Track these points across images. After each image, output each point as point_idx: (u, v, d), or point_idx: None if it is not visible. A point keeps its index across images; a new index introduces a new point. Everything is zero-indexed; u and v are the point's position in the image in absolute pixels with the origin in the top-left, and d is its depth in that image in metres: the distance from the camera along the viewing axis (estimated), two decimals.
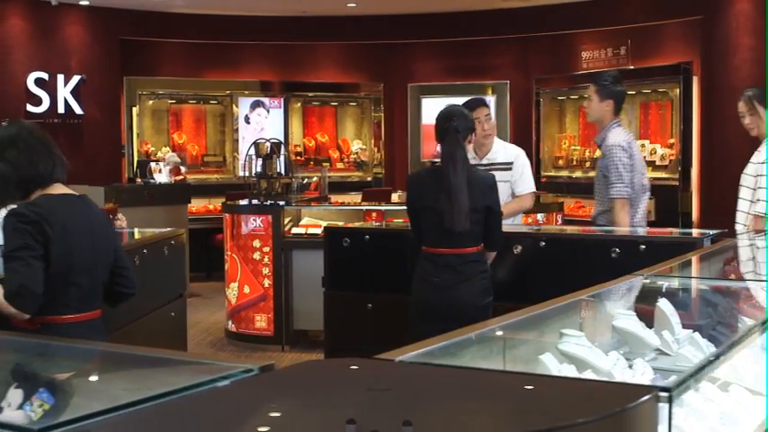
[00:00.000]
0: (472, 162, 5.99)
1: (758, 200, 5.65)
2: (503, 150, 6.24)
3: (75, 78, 12.00)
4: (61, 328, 3.19)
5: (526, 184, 6.21)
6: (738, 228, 5.80)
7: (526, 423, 1.72)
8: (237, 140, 13.42)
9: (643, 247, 5.26)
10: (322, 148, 14.25)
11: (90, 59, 12.24)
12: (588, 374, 2.67)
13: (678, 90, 11.31)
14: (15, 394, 2.46)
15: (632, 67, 12.05)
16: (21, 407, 2.46)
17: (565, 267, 5.45)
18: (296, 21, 13.31)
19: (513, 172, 6.13)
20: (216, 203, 12.62)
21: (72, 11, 12.05)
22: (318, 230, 8.48)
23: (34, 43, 11.83)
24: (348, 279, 6.17)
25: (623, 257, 5.28)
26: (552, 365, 2.69)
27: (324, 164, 13.44)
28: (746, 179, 5.85)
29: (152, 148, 12.81)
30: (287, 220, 8.45)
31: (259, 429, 1.56)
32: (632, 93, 12.28)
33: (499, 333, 2.86)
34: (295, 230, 8.48)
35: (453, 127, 4.98)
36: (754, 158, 5.89)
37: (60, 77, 11.89)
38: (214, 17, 13.04)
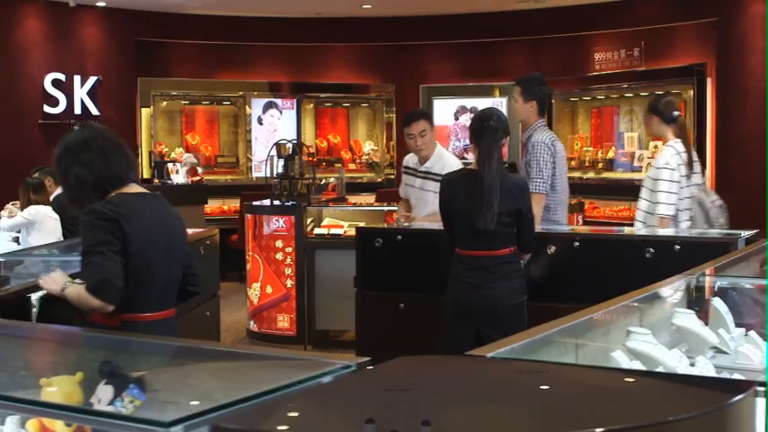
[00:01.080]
0: (413, 167, 6.27)
1: (658, 203, 5.88)
2: (439, 162, 6.32)
3: (92, 79, 12.04)
4: (140, 326, 3.23)
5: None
6: (637, 225, 6.09)
7: (638, 417, 1.76)
8: (250, 141, 13.46)
9: (678, 247, 5.31)
10: (334, 149, 14.29)
11: (106, 60, 12.28)
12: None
13: (692, 92, 11.36)
14: (105, 391, 2.49)
15: (645, 69, 12.12)
16: (111, 403, 2.50)
17: (599, 267, 5.51)
18: (309, 22, 13.36)
19: None
20: (230, 204, 12.67)
21: (88, 12, 12.09)
22: (341, 231, 8.54)
23: (51, 44, 11.87)
24: (380, 279, 6.22)
25: (658, 257, 5.33)
26: (623, 362, 2.75)
27: (336, 164, 13.48)
28: (647, 181, 6.09)
29: (165, 149, 12.86)
30: (308, 221, 8.49)
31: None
32: (645, 94, 12.36)
33: (566, 332, 2.90)
34: (317, 231, 8.53)
35: (491, 128, 5.02)
36: (654, 162, 6.20)
37: (77, 78, 11.93)
38: (228, 18, 13.09)
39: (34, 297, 3.52)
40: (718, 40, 10.91)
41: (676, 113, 6.03)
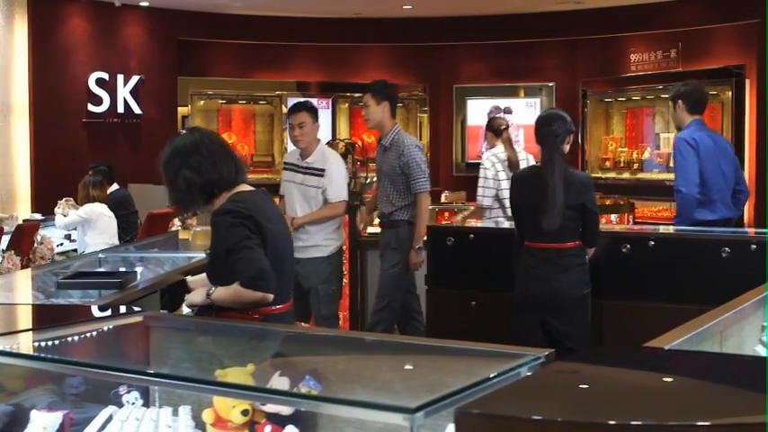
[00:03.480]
0: (294, 162, 6.23)
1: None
2: (321, 157, 6.24)
3: (134, 78, 12.16)
4: (277, 318, 3.29)
5: (338, 193, 6.23)
6: None
7: None
8: (287, 141, 13.56)
9: (754, 246, 5.38)
10: (368, 149, 14.34)
11: (148, 60, 12.40)
12: None
13: (730, 93, 11.43)
14: (280, 382, 2.57)
15: (682, 70, 12.19)
16: None
17: (675, 266, 5.59)
18: (345, 23, 13.45)
19: (324, 179, 6.15)
20: None
21: (132, 12, 12.21)
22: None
23: (95, 44, 11.99)
24: (452, 277, 6.29)
25: (734, 257, 5.41)
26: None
27: (371, 164, 13.55)
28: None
29: None
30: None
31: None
32: None
33: (704, 329, 2.99)
34: (370, 230, 8.61)
35: (553, 131, 5.18)
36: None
37: (120, 77, 12.04)
38: (267, 18, 13.18)
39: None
40: (759, 42, 10.97)
41: (503, 127, 7.15)
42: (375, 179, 11.51)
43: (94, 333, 2.73)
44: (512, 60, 13.90)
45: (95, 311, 3.06)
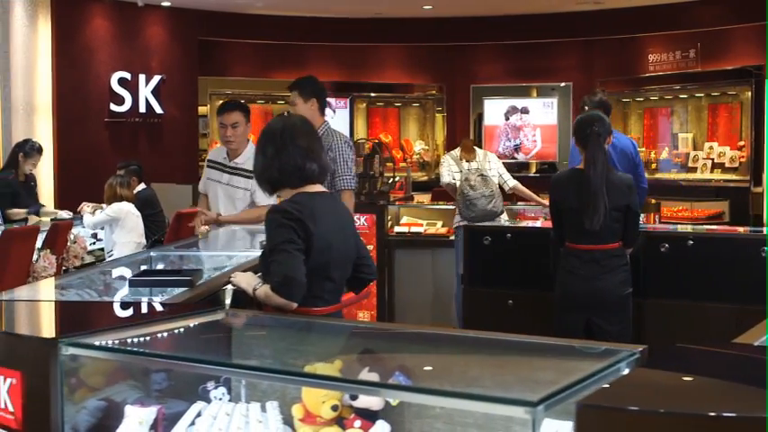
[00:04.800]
0: (221, 162, 5.95)
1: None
2: (251, 159, 5.84)
3: (156, 78, 12.21)
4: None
5: (267, 197, 5.70)
6: None
7: None
8: None
9: None
10: (385, 149, 14.42)
11: (169, 59, 12.45)
12: None
13: (749, 93, 11.47)
14: (370, 377, 2.60)
15: (701, 70, 12.24)
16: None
17: (713, 265, 5.64)
18: (365, 22, 13.50)
19: (253, 181, 5.89)
20: None
21: (154, 12, 12.27)
22: (420, 229, 8.70)
23: (118, 44, 12.03)
24: (488, 276, 6.34)
25: None
26: None
27: (387, 163, 13.59)
28: None
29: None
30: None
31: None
32: (700, 95, 12.50)
33: None
34: (397, 229, 8.67)
35: (595, 132, 5.23)
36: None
37: (142, 77, 12.09)
38: (287, 18, 13.24)
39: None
40: None
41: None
42: (398, 179, 11.63)
43: (182, 329, 2.78)
44: (529, 60, 13.94)
45: (173, 309, 3.10)
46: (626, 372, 2.19)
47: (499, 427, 2.42)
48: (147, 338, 2.65)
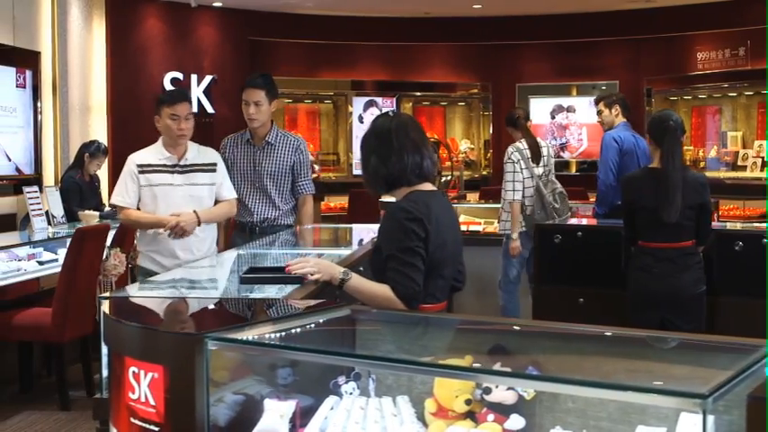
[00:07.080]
0: (164, 163, 5.40)
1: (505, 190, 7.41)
2: (197, 152, 5.45)
3: (207, 78, 12.33)
4: None
5: (232, 190, 5.58)
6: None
7: None
8: (352, 140, 13.69)
9: None
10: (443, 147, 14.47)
11: (221, 59, 12.56)
12: None
13: None
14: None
15: (751, 69, 12.20)
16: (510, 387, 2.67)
17: None
18: (412, 22, 13.55)
19: (216, 175, 5.45)
20: (335, 202, 12.92)
21: (205, 12, 12.38)
22: (479, 228, 8.74)
23: (170, 44, 12.16)
24: (559, 274, 6.37)
25: None
26: None
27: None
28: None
29: None
30: None
31: None
32: (750, 93, 12.46)
33: None
34: None
35: (672, 127, 5.26)
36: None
37: (194, 77, 12.21)
38: (336, 18, 13.32)
39: None
40: None
41: (517, 116, 7.80)
42: (449, 177, 11.67)
43: (312, 325, 2.84)
44: (575, 59, 13.95)
45: (294, 305, 3.17)
46: None
47: (634, 420, 2.47)
48: (283, 333, 2.71)
